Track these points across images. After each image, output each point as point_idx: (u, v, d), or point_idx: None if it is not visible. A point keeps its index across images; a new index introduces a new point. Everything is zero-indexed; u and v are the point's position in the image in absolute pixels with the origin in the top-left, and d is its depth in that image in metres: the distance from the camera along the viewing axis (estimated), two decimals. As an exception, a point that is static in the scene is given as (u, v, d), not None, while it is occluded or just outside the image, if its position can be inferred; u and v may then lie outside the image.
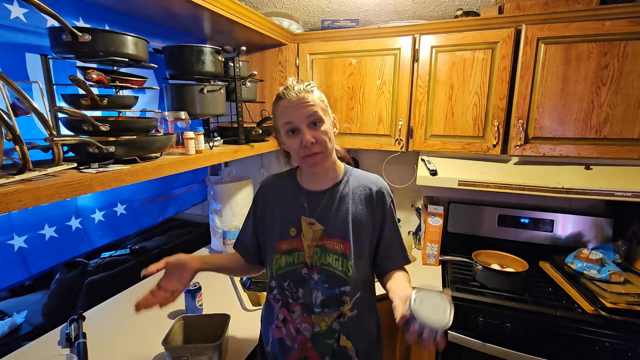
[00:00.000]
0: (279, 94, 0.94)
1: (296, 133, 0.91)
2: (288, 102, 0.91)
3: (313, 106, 0.90)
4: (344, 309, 0.96)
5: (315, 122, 0.91)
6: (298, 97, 0.90)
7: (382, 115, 1.75)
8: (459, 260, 1.75)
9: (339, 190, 1.00)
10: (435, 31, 1.61)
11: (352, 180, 1.02)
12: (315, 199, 0.99)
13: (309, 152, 0.91)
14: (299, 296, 0.97)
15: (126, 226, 1.66)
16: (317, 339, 0.96)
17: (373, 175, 1.05)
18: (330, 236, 0.96)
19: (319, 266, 0.96)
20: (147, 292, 0.96)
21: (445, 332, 0.72)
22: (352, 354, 0.97)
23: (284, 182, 1.06)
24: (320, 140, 0.90)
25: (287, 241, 0.98)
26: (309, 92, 0.92)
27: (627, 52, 1.36)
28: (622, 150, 1.42)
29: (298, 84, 0.93)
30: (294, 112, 0.90)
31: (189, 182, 2.12)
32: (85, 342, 1.16)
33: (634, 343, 1.25)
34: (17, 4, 1.03)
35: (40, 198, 0.72)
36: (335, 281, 0.95)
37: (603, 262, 1.51)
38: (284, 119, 0.92)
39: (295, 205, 1.00)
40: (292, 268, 0.98)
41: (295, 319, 0.97)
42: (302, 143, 0.90)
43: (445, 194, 2.03)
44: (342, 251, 0.95)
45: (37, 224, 1.25)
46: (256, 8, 2.11)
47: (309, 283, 0.96)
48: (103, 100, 0.96)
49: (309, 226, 0.97)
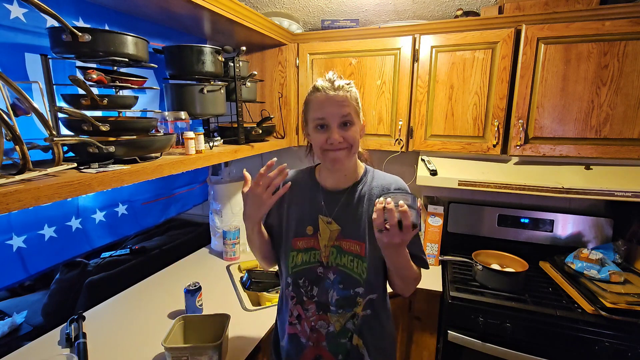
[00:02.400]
0: (316, 85, 0.91)
1: (325, 129, 0.90)
2: (325, 96, 0.89)
3: (348, 107, 0.89)
4: (357, 310, 0.96)
5: (346, 123, 0.90)
6: (336, 94, 0.88)
7: (382, 115, 1.75)
8: (459, 260, 1.75)
9: (357, 190, 0.98)
10: (435, 31, 1.61)
11: (371, 181, 1.00)
12: (333, 198, 0.98)
13: (332, 148, 0.90)
14: (313, 294, 0.97)
15: (127, 226, 1.66)
16: (331, 338, 0.97)
17: (392, 176, 1.02)
18: (346, 237, 0.96)
19: (335, 266, 0.96)
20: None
21: (415, 218, 0.76)
22: (363, 352, 0.98)
23: (303, 179, 1.05)
24: (347, 139, 0.89)
25: (303, 239, 0.98)
26: (348, 91, 0.90)
27: (627, 52, 1.36)
28: (622, 150, 1.42)
29: (339, 80, 0.91)
30: (329, 109, 0.88)
31: (190, 182, 2.12)
32: (85, 342, 1.16)
33: (634, 343, 1.25)
34: (17, 3, 1.03)
35: (40, 198, 0.72)
36: (350, 282, 0.95)
37: (603, 262, 1.51)
38: (316, 114, 0.90)
39: (313, 204, 0.99)
40: (308, 266, 0.97)
41: (309, 316, 0.98)
42: (329, 141, 0.89)
43: (445, 194, 2.03)
44: (357, 252, 0.94)
45: (37, 224, 1.25)
46: (256, 8, 2.11)
47: (325, 282, 0.97)
48: (103, 100, 0.96)
49: (326, 225, 0.97)
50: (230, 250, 1.87)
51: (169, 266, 1.82)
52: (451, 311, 1.48)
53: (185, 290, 1.32)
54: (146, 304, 1.45)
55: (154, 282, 1.66)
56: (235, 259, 1.88)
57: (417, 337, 1.67)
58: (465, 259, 1.71)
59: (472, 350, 1.44)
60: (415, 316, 1.66)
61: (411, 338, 1.68)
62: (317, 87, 0.91)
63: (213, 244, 2.04)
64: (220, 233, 1.93)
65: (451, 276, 1.67)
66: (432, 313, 1.62)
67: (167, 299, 1.47)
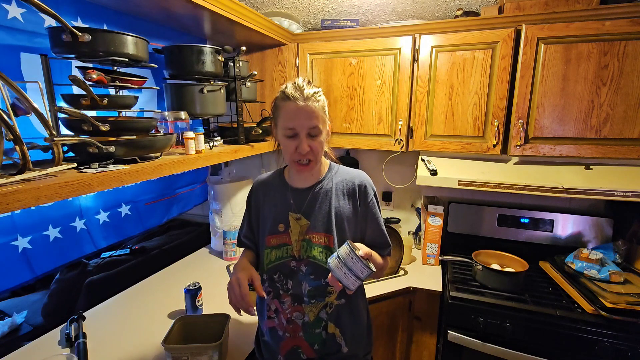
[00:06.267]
0: (287, 93, 0.94)
1: (294, 138, 0.95)
2: (295, 106, 0.93)
3: (316, 118, 0.94)
4: (330, 299, 1.02)
5: (314, 134, 0.95)
6: (305, 104, 0.92)
7: (382, 115, 1.75)
8: (459, 260, 1.75)
9: (322, 186, 1.05)
10: (435, 31, 1.61)
11: (335, 176, 1.07)
12: (300, 195, 1.05)
13: (300, 159, 0.96)
14: (288, 287, 1.03)
15: (131, 227, 1.66)
16: (306, 328, 1.02)
17: (356, 170, 1.10)
18: (315, 230, 1.02)
19: (306, 259, 1.01)
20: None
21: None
22: (340, 341, 1.03)
23: (272, 181, 1.12)
24: (314, 150, 0.96)
25: (276, 236, 1.04)
26: (316, 101, 0.94)
27: (627, 52, 1.36)
28: (622, 150, 1.42)
29: (308, 88, 0.94)
30: (298, 121, 0.93)
31: (192, 182, 2.12)
32: (85, 342, 1.16)
33: (634, 343, 1.25)
34: (15, 3, 1.02)
35: (40, 198, 0.72)
36: (320, 272, 1.00)
37: (603, 262, 1.51)
38: (287, 123, 0.94)
39: (283, 203, 1.06)
40: (282, 262, 1.03)
41: (285, 309, 1.03)
42: (298, 150, 0.95)
43: (445, 194, 2.03)
44: (326, 244, 1.00)
45: (41, 225, 1.25)
46: (256, 8, 2.11)
47: (298, 275, 1.02)
48: (103, 100, 0.96)
49: (296, 221, 1.03)
50: (230, 250, 1.86)
51: (169, 266, 1.82)
52: (451, 311, 1.48)
53: (185, 290, 1.32)
54: (146, 304, 1.45)
55: (154, 282, 1.66)
56: (235, 259, 1.88)
57: (417, 337, 1.67)
58: (465, 259, 1.71)
59: (472, 350, 1.44)
60: (415, 316, 1.66)
61: (411, 338, 1.68)
62: (287, 94, 0.94)
63: (213, 244, 2.04)
64: (220, 233, 1.93)
65: (451, 276, 1.67)
66: (432, 313, 1.62)
67: (167, 299, 1.47)
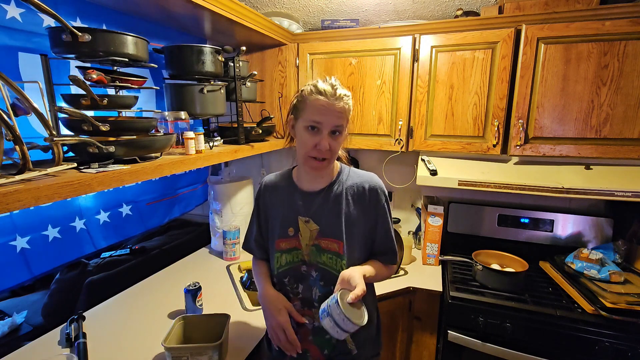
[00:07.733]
0: (319, 87, 0.92)
1: (316, 132, 0.92)
2: (326, 102, 0.90)
3: (343, 119, 0.93)
4: None
5: (337, 132, 0.94)
6: (336, 102, 0.91)
7: (382, 115, 1.75)
8: (459, 260, 1.75)
9: (333, 190, 1.02)
10: (435, 31, 1.61)
11: (347, 179, 1.03)
12: (310, 198, 1.02)
13: (318, 156, 0.93)
14: (298, 291, 1.02)
15: (132, 227, 1.66)
16: (316, 333, 1.01)
17: (368, 173, 1.05)
18: (324, 236, 0.99)
19: (315, 264, 1.00)
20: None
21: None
22: (351, 346, 1.02)
23: (281, 183, 1.09)
24: (333, 149, 0.93)
25: (286, 240, 1.02)
26: (347, 103, 0.94)
27: (627, 52, 1.36)
28: (622, 150, 1.42)
29: (340, 88, 0.93)
30: (327, 116, 0.91)
31: (194, 183, 2.12)
32: (85, 342, 1.16)
33: (634, 343, 1.25)
34: (14, 3, 1.02)
35: (40, 198, 0.72)
36: (329, 279, 0.98)
37: (603, 262, 1.51)
38: (314, 116, 0.91)
39: (292, 206, 1.03)
40: (292, 266, 1.02)
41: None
42: (318, 146, 0.92)
43: (445, 194, 2.03)
44: (335, 250, 0.98)
45: (41, 225, 1.25)
46: (256, 8, 2.11)
47: (309, 279, 1.01)
48: (103, 100, 0.96)
49: (305, 225, 1.01)
50: (230, 250, 1.86)
51: (169, 266, 1.82)
52: (451, 311, 1.48)
53: (185, 290, 1.32)
54: (146, 304, 1.45)
55: (154, 282, 1.66)
56: (235, 258, 1.88)
57: (417, 337, 1.67)
58: (465, 259, 1.71)
59: (472, 350, 1.44)
60: (415, 316, 1.66)
61: (411, 338, 1.68)
62: (319, 89, 0.92)
63: (213, 244, 2.04)
64: (220, 233, 1.92)
65: (451, 276, 1.67)
66: (432, 313, 1.62)
67: (167, 299, 1.47)
